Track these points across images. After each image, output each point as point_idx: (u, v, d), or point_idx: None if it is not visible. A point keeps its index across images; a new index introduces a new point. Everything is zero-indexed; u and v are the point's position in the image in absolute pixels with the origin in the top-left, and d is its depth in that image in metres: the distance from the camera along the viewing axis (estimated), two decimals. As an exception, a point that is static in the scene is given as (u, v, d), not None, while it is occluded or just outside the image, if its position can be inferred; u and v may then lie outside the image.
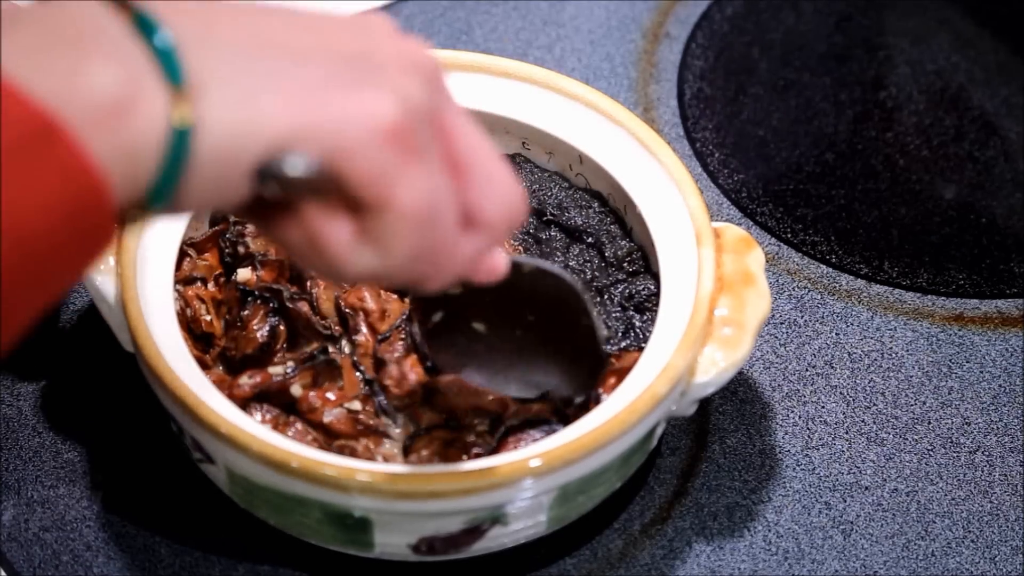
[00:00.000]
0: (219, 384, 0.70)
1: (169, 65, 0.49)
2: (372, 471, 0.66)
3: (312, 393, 0.71)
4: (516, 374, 0.70)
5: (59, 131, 0.47)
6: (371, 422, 0.71)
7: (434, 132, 0.55)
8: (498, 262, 0.61)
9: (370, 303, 0.73)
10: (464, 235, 0.57)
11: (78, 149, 0.47)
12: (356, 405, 0.71)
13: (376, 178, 0.52)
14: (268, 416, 0.71)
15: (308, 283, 0.74)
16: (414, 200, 0.53)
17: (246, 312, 0.73)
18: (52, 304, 0.51)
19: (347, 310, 0.73)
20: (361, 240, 0.54)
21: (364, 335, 0.73)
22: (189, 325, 0.73)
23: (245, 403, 0.71)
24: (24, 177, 0.47)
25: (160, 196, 0.50)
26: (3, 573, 0.73)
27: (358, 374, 0.72)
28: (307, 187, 0.52)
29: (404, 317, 0.73)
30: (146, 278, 0.72)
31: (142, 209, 0.50)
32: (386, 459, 0.70)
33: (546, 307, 0.67)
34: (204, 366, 0.71)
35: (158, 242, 0.73)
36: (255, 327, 0.72)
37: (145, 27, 0.49)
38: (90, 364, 0.79)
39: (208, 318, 0.74)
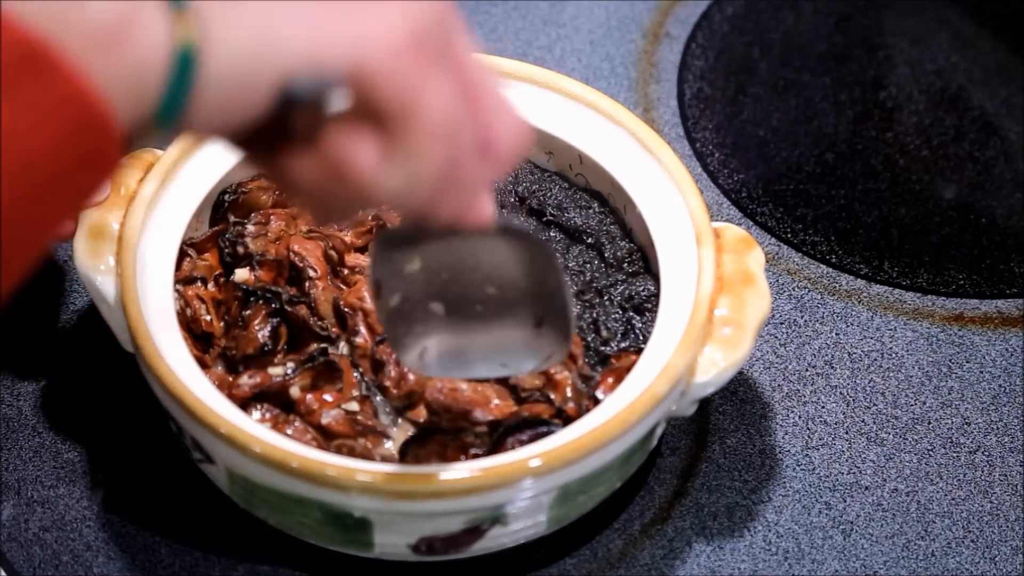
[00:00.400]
0: (219, 384, 0.70)
1: None
2: (372, 471, 0.66)
3: (310, 396, 0.71)
4: (481, 353, 0.67)
5: (54, 56, 0.47)
6: (369, 423, 0.71)
7: (447, 47, 0.54)
8: (486, 208, 0.60)
9: (370, 303, 0.73)
10: (480, 160, 0.56)
11: (75, 74, 0.47)
12: (354, 406, 0.71)
13: (400, 87, 0.52)
14: (267, 415, 0.71)
15: (307, 284, 0.74)
16: (439, 108, 0.53)
17: (248, 312, 0.73)
18: (57, 234, 0.50)
19: (346, 309, 0.73)
20: (389, 158, 0.53)
21: (363, 336, 0.73)
22: (189, 325, 0.73)
23: (244, 403, 0.71)
24: (21, 103, 0.46)
25: (166, 117, 0.50)
26: (3, 573, 0.73)
27: (356, 375, 0.72)
28: (329, 107, 0.51)
29: None
30: (146, 278, 0.72)
31: (149, 131, 0.50)
32: (384, 459, 0.70)
33: (508, 273, 0.65)
34: (204, 366, 0.71)
35: (158, 242, 0.73)
36: (256, 327, 0.72)
37: None
38: (90, 364, 0.79)
39: (208, 318, 0.74)
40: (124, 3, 0.48)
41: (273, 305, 0.73)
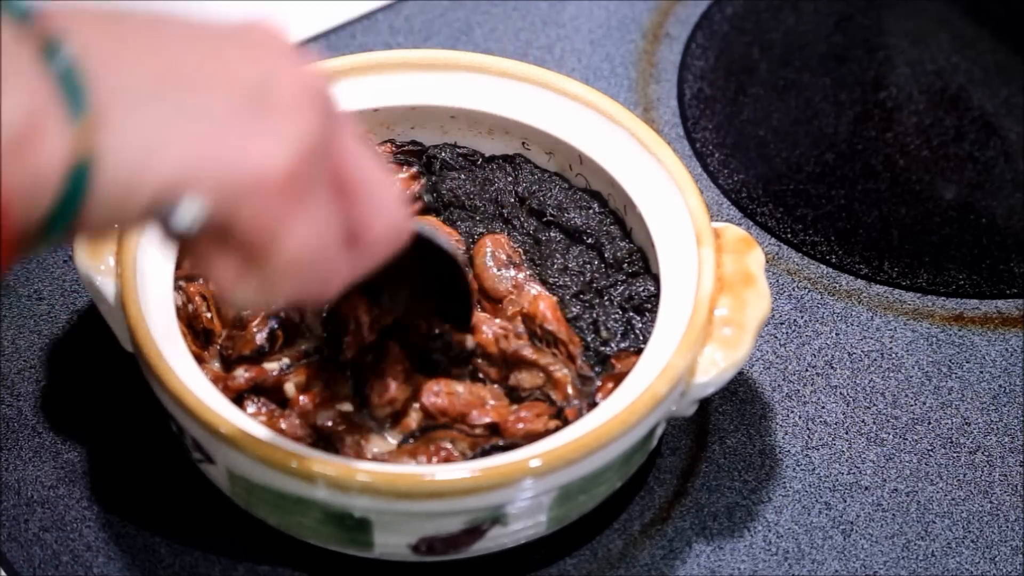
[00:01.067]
0: (214, 379, 0.70)
1: (72, 93, 0.49)
2: (372, 471, 0.66)
3: (304, 397, 0.71)
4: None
5: None
6: (362, 423, 0.71)
7: (325, 159, 0.55)
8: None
9: (361, 313, 0.73)
10: (349, 253, 0.57)
11: None
12: (348, 407, 0.71)
13: (263, 228, 0.53)
14: (263, 408, 0.71)
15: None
16: (298, 249, 0.54)
17: (247, 313, 0.73)
18: None
19: (338, 318, 0.73)
20: (246, 277, 0.54)
21: (351, 347, 0.72)
22: (190, 321, 0.73)
23: (239, 395, 0.71)
24: None
25: (58, 224, 0.50)
26: (3, 573, 0.73)
27: (346, 382, 0.72)
28: (192, 227, 0.52)
29: (386, 326, 0.73)
30: (146, 278, 0.72)
31: (35, 238, 0.50)
32: (376, 459, 0.70)
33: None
34: (201, 361, 0.71)
35: (158, 242, 0.73)
36: (255, 329, 0.72)
37: (50, 50, 0.49)
38: (90, 364, 0.79)
39: (209, 315, 0.74)
40: (30, 106, 0.48)
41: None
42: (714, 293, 0.71)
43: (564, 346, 0.73)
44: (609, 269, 0.76)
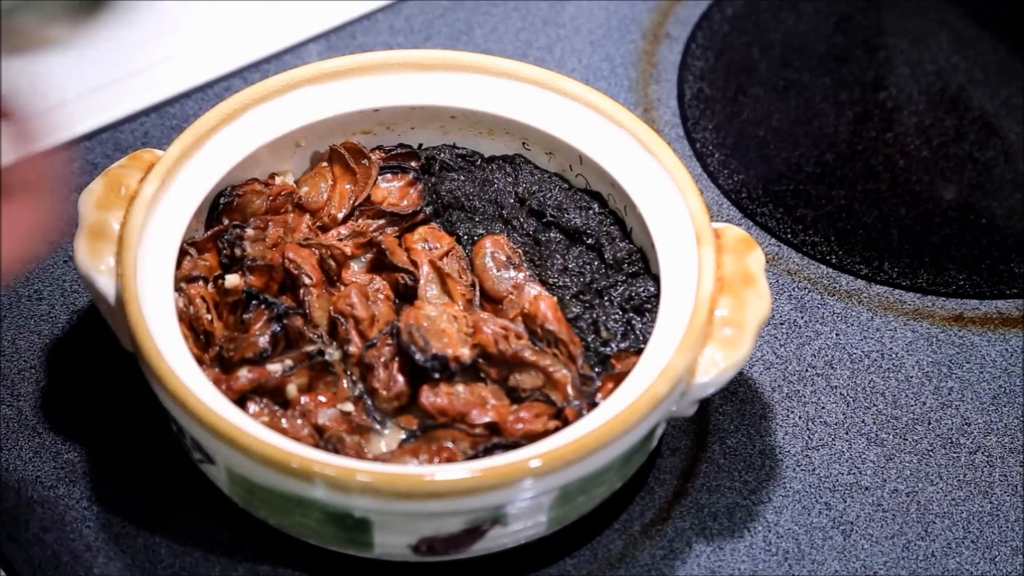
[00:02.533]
0: (215, 381, 0.70)
1: None
2: (372, 471, 0.66)
3: (305, 397, 0.71)
4: None
5: None
6: (364, 423, 0.71)
7: None
8: None
9: (360, 310, 0.73)
10: None
11: None
12: (349, 407, 0.71)
13: None
14: (265, 409, 0.71)
15: (301, 291, 0.74)
16: None
17: (248, 315, 0.73)
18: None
19: (337, 317, 0.73)
20: None
21: (355, 343, 0.73)
22: (192, 323, 0.73)
23: (242, 396, 0.71)
24: None
25: None
26: (3, 573, 0.73)
27: (346, 383, 0.72)
28: None
29: (392, 323, 0.73)
30: (146, 278, 0.72)
31: None
32: (377, 459, 0.70)
33: None
34: (201, 363, 0.71)
35: (158, 242, 0.73)
36: (257, 332, 0.72)
37: None
38: (90, 364, 0.79)
39: (209, 317, 0.74)
40: None
41: (276, 311, 0.73)
42: (714, 293, 0.71)
43: (565, 346, 0.73)
44: (609, 269, 0.76)
